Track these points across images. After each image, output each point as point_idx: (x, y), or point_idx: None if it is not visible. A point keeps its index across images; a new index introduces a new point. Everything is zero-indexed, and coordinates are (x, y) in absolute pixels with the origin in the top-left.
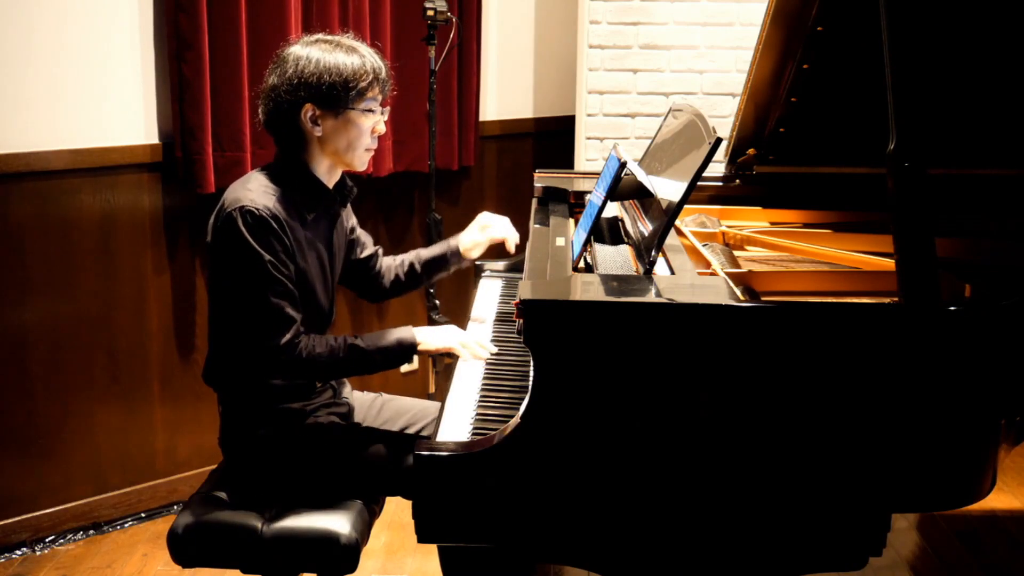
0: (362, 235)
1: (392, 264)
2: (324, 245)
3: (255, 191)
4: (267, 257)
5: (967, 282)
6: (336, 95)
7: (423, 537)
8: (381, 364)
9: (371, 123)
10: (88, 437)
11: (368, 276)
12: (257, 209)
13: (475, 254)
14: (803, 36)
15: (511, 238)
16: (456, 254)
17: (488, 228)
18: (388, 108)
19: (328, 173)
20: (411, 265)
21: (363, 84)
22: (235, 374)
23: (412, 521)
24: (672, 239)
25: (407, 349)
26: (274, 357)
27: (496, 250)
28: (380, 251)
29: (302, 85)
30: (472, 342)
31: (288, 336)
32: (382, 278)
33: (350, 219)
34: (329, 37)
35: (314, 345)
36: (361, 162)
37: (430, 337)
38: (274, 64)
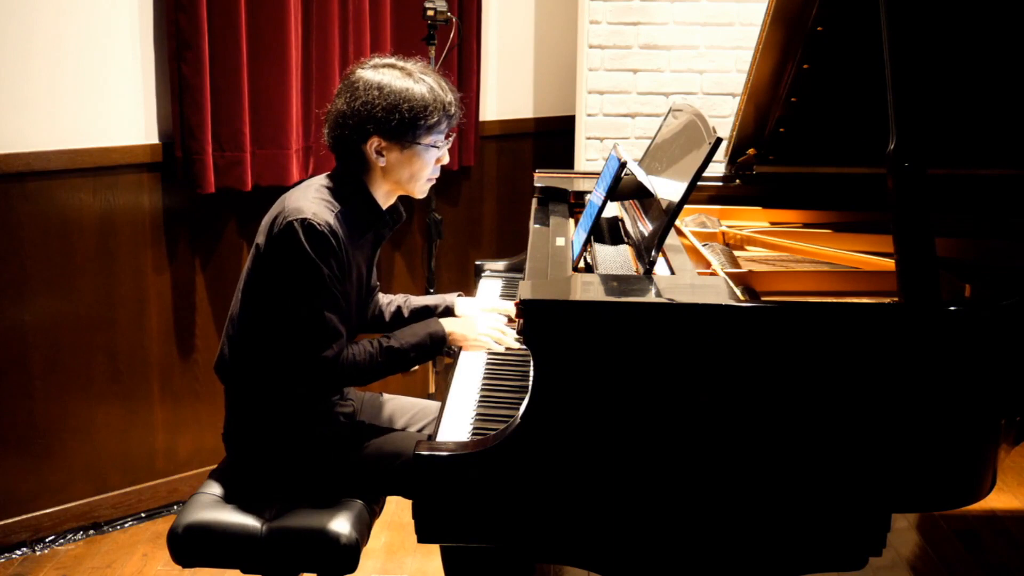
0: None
1: (381, 302)
2: (365, 265)
3: (317, 204)
4: (325, 271)
5: (967, 282)
6: (403, 129)
7: (423, 537)
8: (415, 360)
9: (436, 156)
10: (88, 437)
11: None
12: (319, 224)
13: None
14: (803, 36)
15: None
16: (449, 312)
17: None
18: (454, 136)
19: (385, 197)
20: (398, 309)
21: (432, 120)
22: (253, 370)
23: (412, 521)
24: (672, 239)
25: (438, 341)
26: (319, 370)
27: (496, 251)
28: (378, 286)
29: (371, 118)
30: (493, 335)
31: (335, 350)
32: (371, 306)
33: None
34: (401, 64)
35: (354, 355)
36: (422, 191)
37: (458, 327)
38: (343, 87)
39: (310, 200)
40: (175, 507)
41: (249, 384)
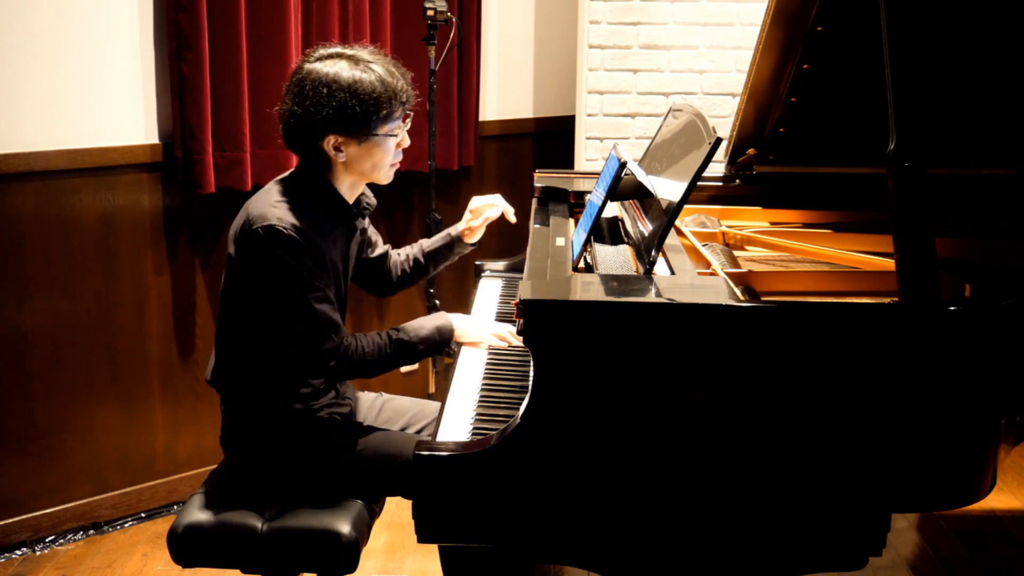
0: (372, 235)
1: (398, 260)
2: (340, 258)
3: (279, 208)
4: (303, 268)
5: (967, 282)
6: (358, 124)
7: (423, 537)
8: (423, 353)
9: (396, 142)
10: (88, 437)
11: (378, 274)
12: (284, 228)
13: (476, 238)
14: (803, 36)
15: (507, 210)
16: (459, 240)
17: (481, 210)
18: (411, 117)
19: (351, 189)
20: (416, 259)
21: (385, 111)
22: (245, 378)
23: (412, 521)
24: (672, 239)
25: (446, 335)
26: (326, 361)
27: (496, 250)
28: (389, 248)
29: (322, 118)
30: (500, 336)
31: (337, 339)
32: (390, 275)
33: (363, 222)
34: (349, 52)
35: (362, 345)
36: (387, 177)
37: (467, 326)
38: (291, 84)
39: (272, 205)
40: (175, 507)
41: (243, 391)
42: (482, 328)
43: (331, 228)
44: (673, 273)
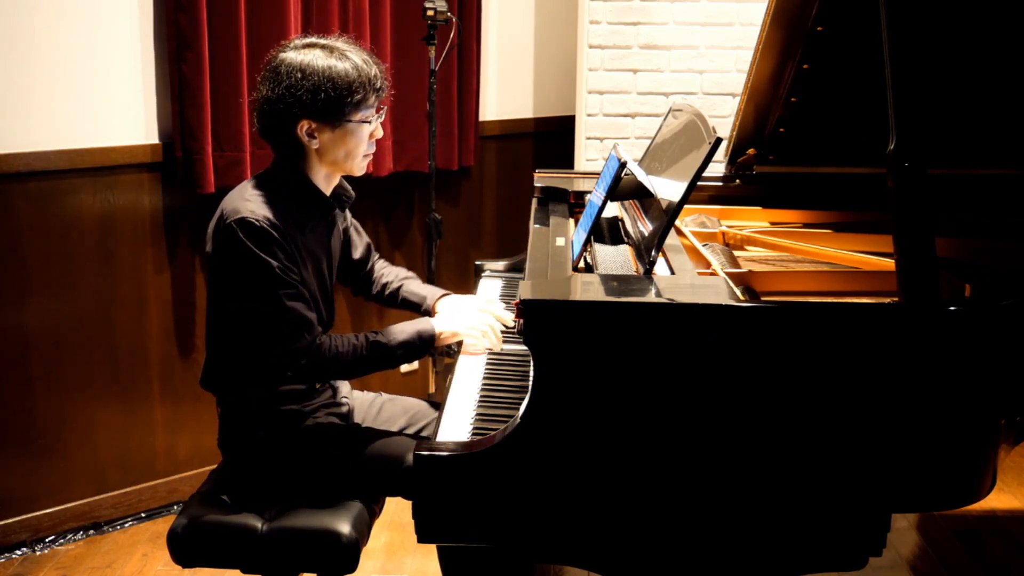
0: (354, 236)
1: (385, 274)
2: (322, 252)
3: (253, 201)
4: (275, 264)
5: (967, 282)
6: (331, 109)
7: (423, 537)
8: (402, 358)
9: (368, 131)
10: (88, 437)
11: (359, 276)
12: (257, 220)
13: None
14: (803, 36)
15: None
16: (427, 313)
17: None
18: (385, 109)
19: (326, 180)
20: (395, 292)
21: (358, 96)
22: (234, 378)
23: (412, 521)
24: (672, 239)
25: (427, 340)
26: (297, 360)
27: (496, 251)
28: (373, 252)
29: (296, 101)
30: (482, 332)
31: (309, 338)
32: (373, 281)
33: (344, 220)
34: (323, 41)
35: (336, 345)
36: (360, 168)
37: (447, 324)
38: (266, 72)
39: (245, 199)
40: (175, 507)
41: (236, 393)
42: (462, 323)
43: (307, 219)
44: (673, 273)
